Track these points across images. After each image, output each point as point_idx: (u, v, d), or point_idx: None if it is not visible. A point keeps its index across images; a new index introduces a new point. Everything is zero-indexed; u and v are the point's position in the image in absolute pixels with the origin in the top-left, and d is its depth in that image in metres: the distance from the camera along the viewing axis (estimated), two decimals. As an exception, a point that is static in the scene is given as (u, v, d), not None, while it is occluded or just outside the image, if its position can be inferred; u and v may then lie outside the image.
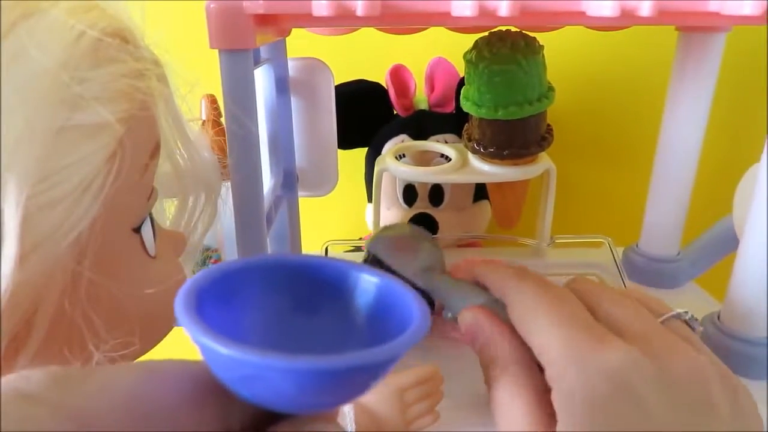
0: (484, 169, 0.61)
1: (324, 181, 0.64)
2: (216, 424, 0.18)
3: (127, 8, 0.27)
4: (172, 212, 0.35)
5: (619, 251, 0.67)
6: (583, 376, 0.20)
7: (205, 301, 0.19)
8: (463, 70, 0.60)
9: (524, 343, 0.23)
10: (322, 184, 0.64)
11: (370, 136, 0.74)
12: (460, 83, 0.68)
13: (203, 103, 0.60)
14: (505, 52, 0.55)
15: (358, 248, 0.77)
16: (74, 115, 0.23)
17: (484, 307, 0.25)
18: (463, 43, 0.58)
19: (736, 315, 0.49)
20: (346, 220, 0.87)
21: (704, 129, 0.58)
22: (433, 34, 0.60)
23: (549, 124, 0.61)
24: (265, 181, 0.45)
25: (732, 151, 0.79)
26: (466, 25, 0.57)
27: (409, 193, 0.72)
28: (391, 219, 0.72)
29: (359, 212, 0.79)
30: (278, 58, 0.55)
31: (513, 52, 0.55)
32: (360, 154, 0.76)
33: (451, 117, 0.72)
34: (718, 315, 0.52)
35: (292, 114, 0.59)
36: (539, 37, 0.58)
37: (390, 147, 0.70)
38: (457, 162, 0.62)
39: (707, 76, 0.56)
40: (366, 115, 0.72)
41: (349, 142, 0.73)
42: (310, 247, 0.67)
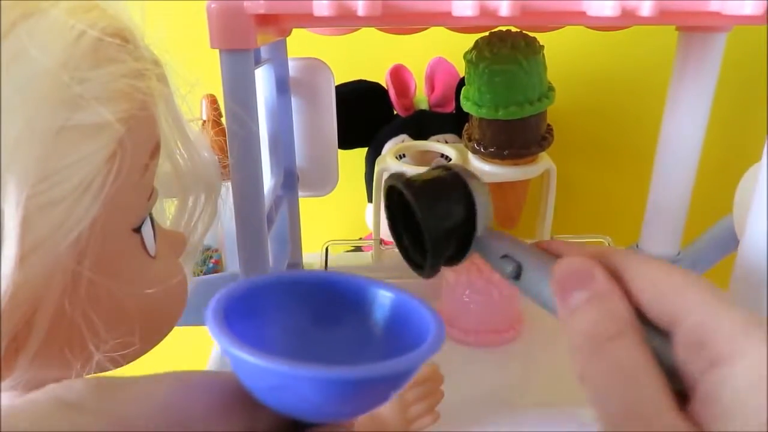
0: (485, 169, 0.61)
1: (324, 181, 0.64)
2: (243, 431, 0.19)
3: (127, 8, 0.27)
4: (172, 212, 0.35)
5: (619, 251, 0.67)
6: None
7: (231, 315, 0.20)
8: (464, 70, 0.60)
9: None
10: (323, 184, 0.64)
11: (370, 136, 0.74)
12: (461, 83, 0.68)
13: (203, 103, 0.60)
14: (506, 52, 0.55)
15: (358, 248, 0.77)
16: (74, 115, 0.23)
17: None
18: (463, 43, 0.58)
19: (737, 315, 0.49)
20: (346, 220, 0.87)
21: (704, 129, 0.58)
22: (433, 34, 0.60)
23: (549, 124, 0.61)
24: (266, 181, 0.45)
25: (732, 151, 0.79)
26: (467, 25, 0.56)
27: (410, 193, 0.72)
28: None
29: (359, 212, 0.79)
30: (279, 58, 0.55)
31: (513, 52, 0.55)
32: (360, 154, 0.76)
33: (451, 117, 0.72)
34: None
35: (293, 114, 0.59)
36: (539, 37, 0.58)
37: (390, 147, 0.70)
38: (458, 162, 0.62)
39: (708, 76, 0.56)
40: (366, 115, 0.72)
41: (349, 142, 0.73)
42: (310, 247, 0.67)
